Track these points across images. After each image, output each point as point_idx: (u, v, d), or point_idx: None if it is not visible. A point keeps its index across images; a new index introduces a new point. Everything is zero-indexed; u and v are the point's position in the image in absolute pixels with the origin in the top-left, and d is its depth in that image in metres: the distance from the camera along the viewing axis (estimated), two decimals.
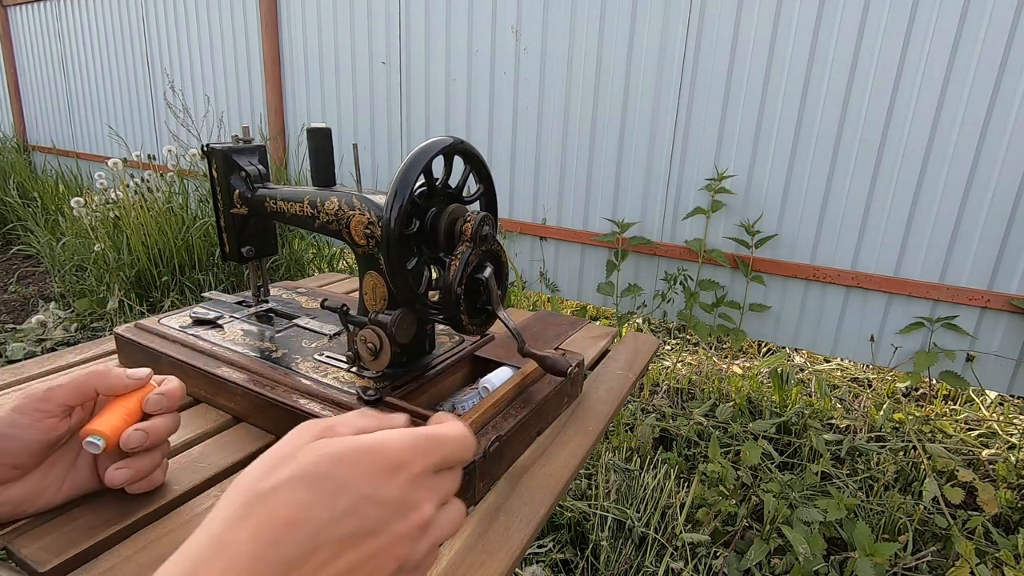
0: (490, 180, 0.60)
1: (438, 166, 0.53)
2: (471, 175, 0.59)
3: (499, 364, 0.66)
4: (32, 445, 0.42)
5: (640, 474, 1.41)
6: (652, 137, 2.02)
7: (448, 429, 0.32)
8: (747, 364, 2.15)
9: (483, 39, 2.28)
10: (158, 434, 0.45)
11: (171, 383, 0.48)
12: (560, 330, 0.80)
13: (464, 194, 0.59)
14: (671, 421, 1.70)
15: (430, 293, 0.57)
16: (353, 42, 2.63)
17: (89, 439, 0.43)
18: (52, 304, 2.44)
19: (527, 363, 0.63)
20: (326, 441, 0.28)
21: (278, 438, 0.58)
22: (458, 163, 0.57)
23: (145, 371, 0.47)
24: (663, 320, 2.16)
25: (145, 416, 0.47)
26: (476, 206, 0.60)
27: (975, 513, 1.37)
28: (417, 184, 0.52)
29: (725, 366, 2.10)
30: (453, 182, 0.58)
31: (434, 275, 0.58)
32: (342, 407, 0.56)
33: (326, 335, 0.70)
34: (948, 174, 1.62)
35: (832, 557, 1.24)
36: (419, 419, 0.53)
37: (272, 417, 0.58)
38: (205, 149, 0.71)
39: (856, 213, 1.75)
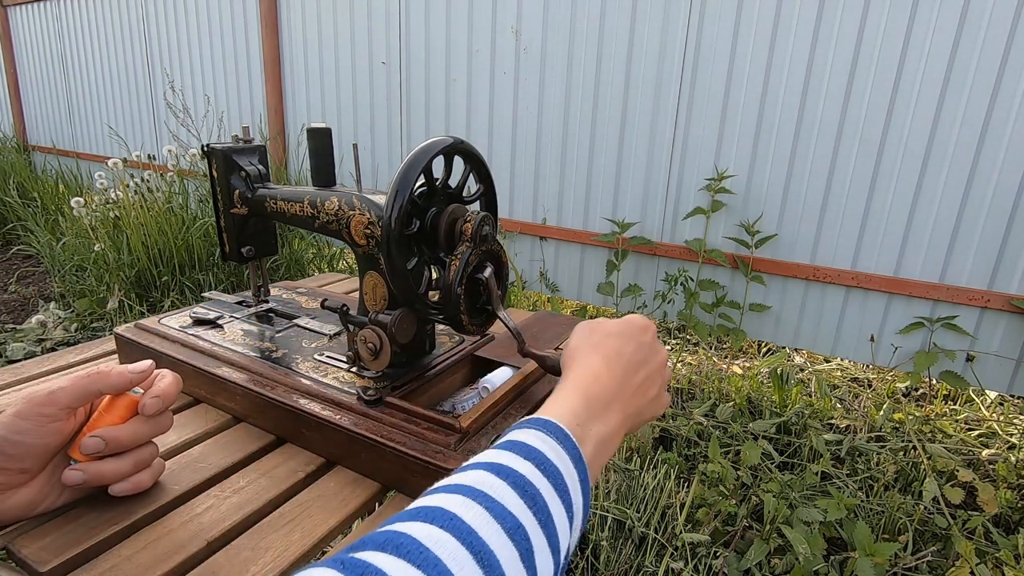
0: (490, 180, 0.60)
1: (438, 166, 0.53)
2: (471, 175, 0.59)
3: (499, 364, 0.66)
4: (37, 449, 0.42)
5: (640, 474, 1.41)
6: (652, 137, 2.02)
7: (644, 318, 0.53)
8: (747, 364, 2.15)
9: (483, 39, 2.28)
10: (119, 442, 0.45)
11: (165, 381, 0.48)
12: (560, 330, 0.80)
13: (464, 194, 0.59)
14: (671, 421, 1.70)
15: (430, 293, 0.57)
16: (353, 42, 2.63)
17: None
18: (52, 304, 2.44)
19: (527, 363, 0.63)
20: (603, 323, 0.52)
21: (278, 438, 0.58)
22: (458, 163, 0.57)
23: (146, 363, 0.47)
24: (663, 320, 2.16)
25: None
26: (476, 206, 0.60)
27: (975, 513, 1.37)
28: (417, 184, 0.52)
29: (725, 366, 2.10)
30: (453, 182, 0.58)
31: (434, 275, 0.58)
32: (342, 407, 0.56)
33: (326, 335, 0.70)
34: (948, 174, 1.62)
35: (832, 557, 1.24)
36: (419, 419, 0.53)
37: (272, 417, 0.58)
38: (205, 149, 0.71)
39: (856, 213, 1.76)
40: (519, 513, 0.31)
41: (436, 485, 0.33)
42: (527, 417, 0.40)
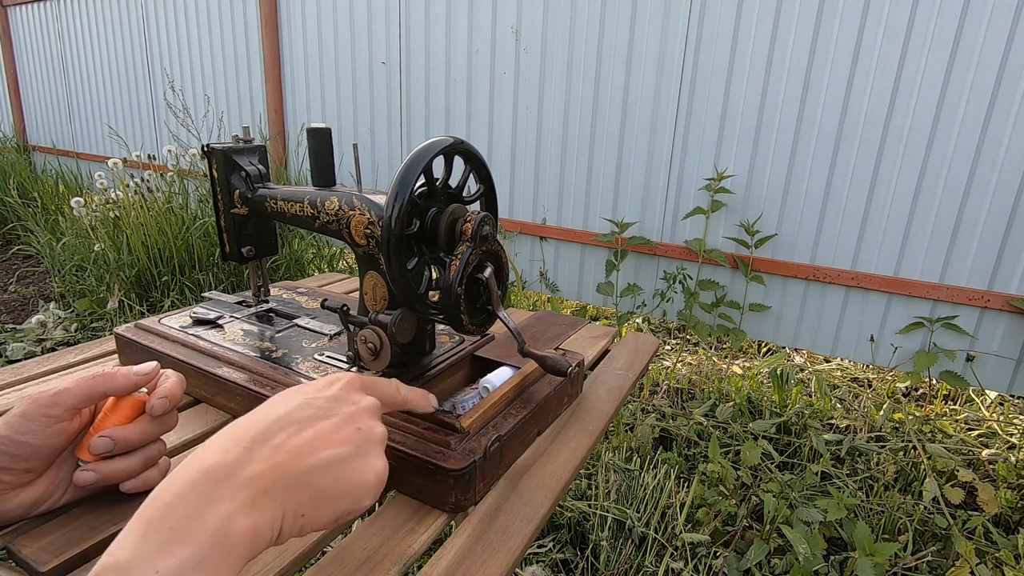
0: (490, 180, 0.60)
1: (438, 166, 0.53)
2: (471, 175, 0.59)
3: (499, 364, 0.66)
4: (42, 449, 0.43)
5: (640, 474, 1.41)
6: (652, 137, 2.02)
7: (352, 375, 0.42)
8: (747, 364, 2.15)
9: (483, 39, 2.28)
10: (128, 442, 0.45)
11: (169, 381, 0.48)
12: (560, 330, 0.80)
13: (464, 194, 0.59)
14: (671, 421, 1.70)
15: (430, 293, 0.57)
16: (353, 42, 2.63)
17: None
18: (52, 304, 2.44)
19: (527, 363, 0.63)
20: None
21: None
22: (458, 163, 0.57)
23: (151, 365, 0.47)
24: (663, 320, 2.16)
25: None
26: (476, 206, 0.60)
27: (975, 513, 1.37)
28: (417, 184, 0.52)
29: (725, 366, 2.10)
30: (453, 182, 0.58)
31: (434, 275, 0.58)
32: None
33: (326, 335, 0.70)
34: (948, 174, 1.62)
35: (832, 557, 1.24)
36: (419, 419, 0.53)
37: None
38: (205, 149, 0.71)
39: (856, 213, 1.76)
40: None
41: None
42: None
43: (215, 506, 0.29)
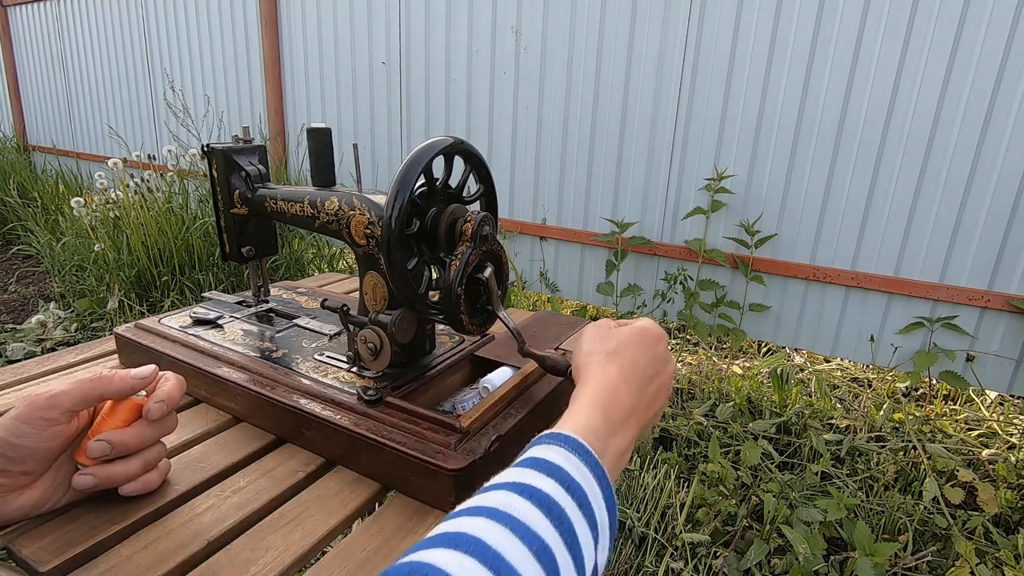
0: (490, 180, 0.60)
1: (438, 166, 0.53)
2: (471, 175, 0.59)
3: (499, 364, 0.66)
4: (39, 452, 0.42)
5: (640, 474, 1.41)
6: (652, 137, 2.02)
7: (654, 324, 0.52)
8: (747, 364, 2.15)
9: (483, 39, 2.28)
10: (125, 445, 0.45)
11: (168, 384, 0.48)
12: (560, 330, 0.80)
13: (464, 194, 0.59)
14: (671, 421, 1.70)
15: (430, 293, 0.57)
16: (353, 42, 2.63)
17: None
18: (52, 304, 2.44)
19: (527, 363, 0.63)
20: (618, 330, 0.51)
21: (279, 438, 0.58)
22: (458, 163, 0.57)
23: (149, 369, 0.47)
24: (663, 320, 2.16)
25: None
26: (476, 206, 0.60)
27: (975, 513, 1.37)
28: (417, 184, 0.52)
29: (725, 366, 2.10)
30: (453, 182, 0.58)
31: (434, 275, 0.58)
32: (342, 407, 0.56)
33: (326, 335, 0.70)
34: (948, 174, 1.62)
35: (832, 557, 1.24)
36: (420, 419, 0.53)
37: (272, 417, 0.58)
38: (205, 149, 0.71)
39: (856, 213, 1.75)
40: (545, 534, 0.31)
41: (459, 508, 0.32)
42: (547, 432, 0.39)
43: (631, 426, 0.44)
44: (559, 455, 0.36)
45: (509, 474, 0.35)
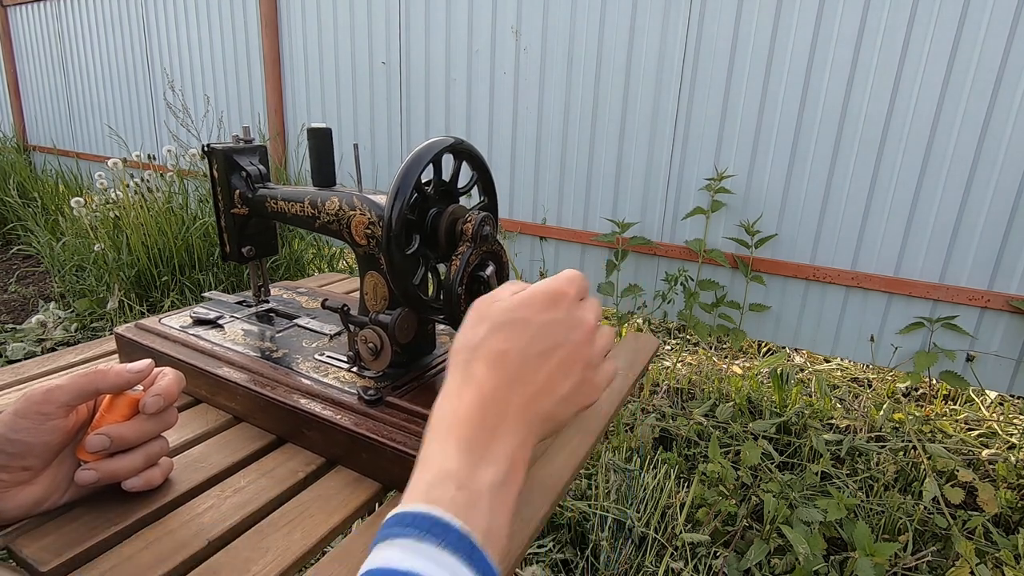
0: (490, 180, 0.60)
1: (439, 166, 0.53)
2: (471, 175, 0.59)
3: None
4: (38, 447, 0.42)
5: (640, 474, 1.41)
6: (652, 137, 2.02)
7: (566, 273, 0.41)
8: (747, 364, 2.15)
9: (483, 39, 2.28)
10: (124, 439, 0.45)
11: (166, 379, 0.48)
12: None
13: (464, 194, 0.59)
14: (671, 421, 1.70)
15: (430, 293, 0.57)
16: (353, 42, 2.63)
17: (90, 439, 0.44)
18: (52, 304, 2.44)
19: None
20: (501, 300, 0.39)
21: (279, 438, 0.58)
22: (458, 163, 0.57)
23: (145, 362, 0.47)
24: (663, 320, 2.16)
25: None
26: (476, 206, 0.60)
27: (975, 513, 1.37)
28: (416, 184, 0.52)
29: (725, 366, 2.10)
30: (453, 182, 0.58)
31: (433, 274, 0.58)
32: (343, 407, 0.56)
33: (326, 335, 0.70)
34: (948, 174, 1.62)
35: (832, 557, 1.24)
36: (420, 419, 0.53)
37: (272, 417, 0.58)
38: (206, 149, 0.71)
39: (856, 213, 1.76)
40: None
41: None
42: (392, 513, 0.31)
43: (505, 435, 0.35)
44: (403, 552, 0.28)
45: None
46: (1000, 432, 1.73)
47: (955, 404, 1.92)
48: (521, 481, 0.35)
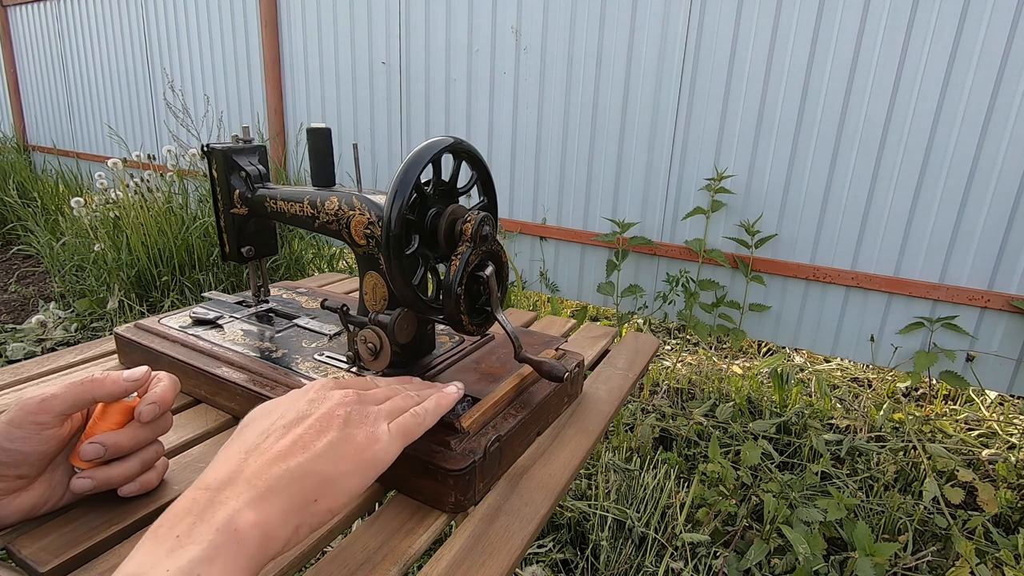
0: (490, 180, 0.60)
1: (438, 166, 0.53)
2: (471, 175, 0.59)
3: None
4: (33, 456, 0.42)
5: (640, 474, 1.41)
6: (652, 137, 2.02)
7: (353, 379, 0.47)
8: (747, 364, 2.15)
9: (483, 39, 2.28)
10: (119, 447, 0.45)
11: (161, 385, 0.47)
12: (538, 348, 0.76)
13: (464, 194, 0.59)
14: (671, 421, 1.70)
15: (430, 293, 0.57)
16: (353, 42, 2.63)
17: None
18: (52, 304, 2.44)
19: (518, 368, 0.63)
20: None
21: None
22: (458, 163, 0.57)
23: (142, 370, 0.47)
24: (663, 320, 2.16)
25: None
26: (476, 206, 0.60)
27: (975, 513, 1.37)
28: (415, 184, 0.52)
29: (725, 366, 2.10)
30: (453, 182, 0.58)
31: (432, 275, 0.58)
32: None
33: (326, 335, 0.70)
34: (948, 174, 1.62)
35: (832, 557, 1.24)
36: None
37: None
38: (205, 149, 0.71)
39: (856, 213, 1.75)
40: None
41: None
42: None
43: (219, 508, 0.31)
44: None
45: None
46: (1000, 432, 1.73)
47: (955, 404, 1.92)
48: (252, 551, 0.30)
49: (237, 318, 0.75)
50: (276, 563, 0.43)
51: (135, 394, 0.46)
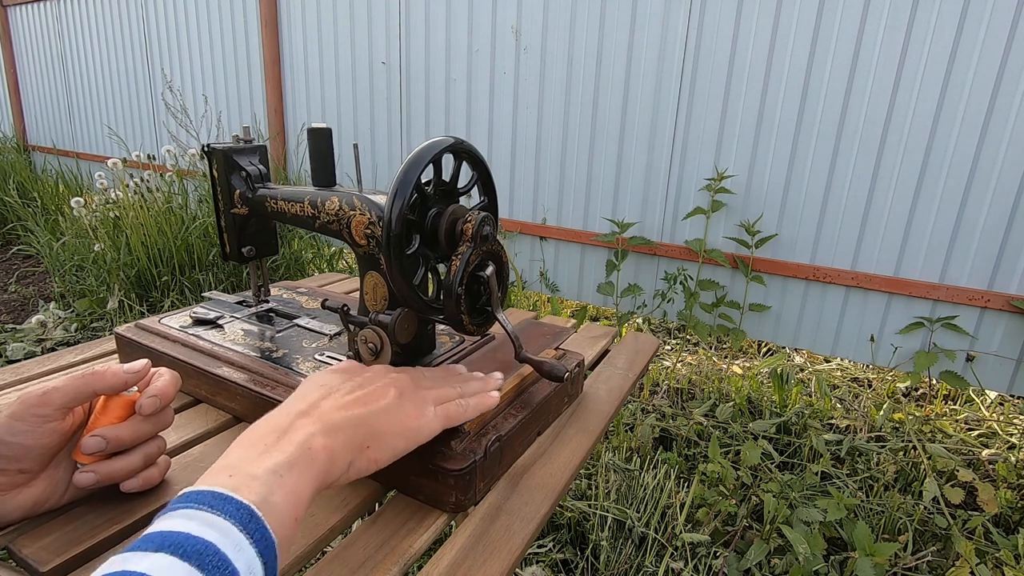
0: (490, 180, 0.60)
1: (439, 166, 0.53)
2: (471, 175, 0.59)
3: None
4: (35, 450, 0.42)
5: (640, 474, 1.41)
6: (652, 137, 2.02)
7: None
8: (747, 364, 2.15)
9: (483, 39, 2.28)
10: (120, 440, 0.45)
11: (162, 380, 0.47)
12: (546, 340, 0.77)
13: (464, 194, 0.59)
14: (671, 421, 1.70)
15: (430, 293, 0.57)
16: (353, 42, 2.63)
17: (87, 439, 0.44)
18: (52, 304, 2.44)
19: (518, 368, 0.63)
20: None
21: None
22: (458, 163, 0.57)
23: (142, 363, 0.47)
24: (663, 320, 2.16)
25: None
26: (476, 206, 0.60)
27: (975, 513, 1.37)
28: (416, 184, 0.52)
29: (725, 366, 2.10)
30: (453, 182, 0.58)
31: (434, 275, 0.58)
32: None
33: (326, 335, 0.70)
34: (948, 174, 1.62)
35: (832, 557, 1.24)
36: None
37: None
38: (206, 149, 0.71)
39: (856, 213, 1.76)
40: None
41: None
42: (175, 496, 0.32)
43: (299, 430, 0.39)
44: (180, 520, 0.29)
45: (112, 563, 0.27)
46: (1000, 432, 1.73)
47: (955, 404, 1.92)
48: (319, 469, 0.37)
49: (237, 318, 0.75)
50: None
51: (135, 388, 0.46)
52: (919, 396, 1.97)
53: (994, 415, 1.84)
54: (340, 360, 0.63)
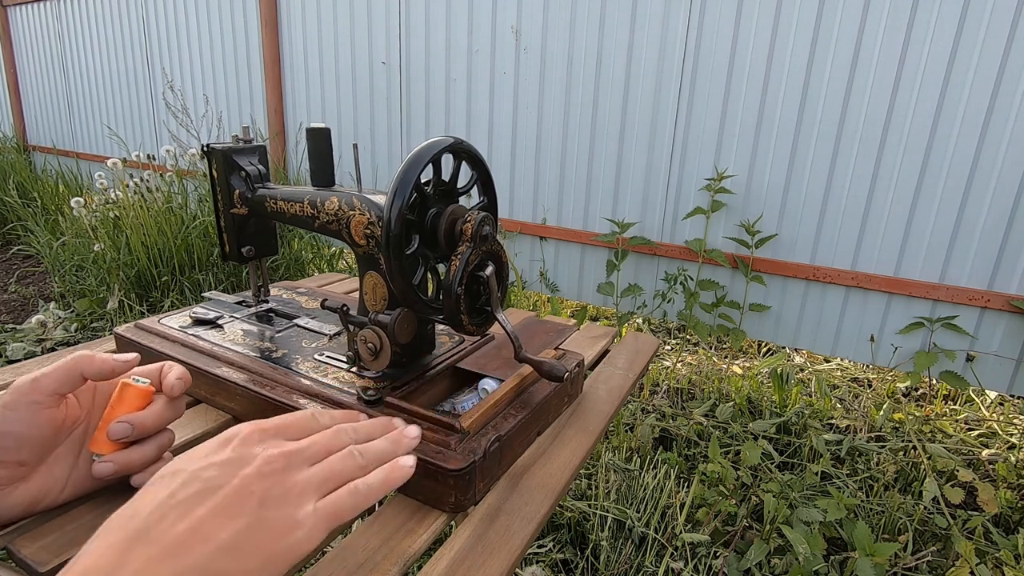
0: (490, 180, 0.60)
1: (438, 166, 0.53)
2: (471, 175, 0.59)
3: (481, 376, 0.64)
4: (31, 440, 0.42)
5: (640, 474, 1.41)
6: (652, 137, 2.02)
7: (290, 416, 0.40)
8: (747, 364, 2.15)
9: (483, 39, 2.28)
10: (144, 426, 0.45)
11: (177, 367, 0.48)
12: (548, 338, 0.78)
13: (463, 194, 0.59)
14: (671, 421, 1.70)
15: (430, 293, 0.57)
16: (353, 42, 2.63)
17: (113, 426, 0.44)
18: (52, 304, 2.44)
19: (519, 369, 0.63)
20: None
21: None
22: (458, 163, 0.57)
23: (131, 355, 0.47)
24: (663, 320, 2.16)
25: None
26: (476, 206, 0.60)
27: (975, 513, 1.37)
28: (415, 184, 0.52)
29: (725, 366, 2.10)
30: (453, 182, 0.58)
31: (432, 275, 0.58)
32: (342, 407, 0.56)
33: (326, 335, 0.70)
34: (948, 174, 1.62)
35: (832, 557, 1.24)
36: (419, 419, 0.53)
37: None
38: (205, 149, 0.71)
39: (856, 213, 1.75)
40: None
41: None
42: None
43: None
44: None
45: None
46: (1000, 432, 1.73)
47: (955, 404, 1.92)
48: None
49: (237, 318, 0.75)
50: None
51: (148, 381, 0.47)
52: (919, 396, 1.97)
53: (994, 415, 1.84)
54: (340, 360, 0.63)
